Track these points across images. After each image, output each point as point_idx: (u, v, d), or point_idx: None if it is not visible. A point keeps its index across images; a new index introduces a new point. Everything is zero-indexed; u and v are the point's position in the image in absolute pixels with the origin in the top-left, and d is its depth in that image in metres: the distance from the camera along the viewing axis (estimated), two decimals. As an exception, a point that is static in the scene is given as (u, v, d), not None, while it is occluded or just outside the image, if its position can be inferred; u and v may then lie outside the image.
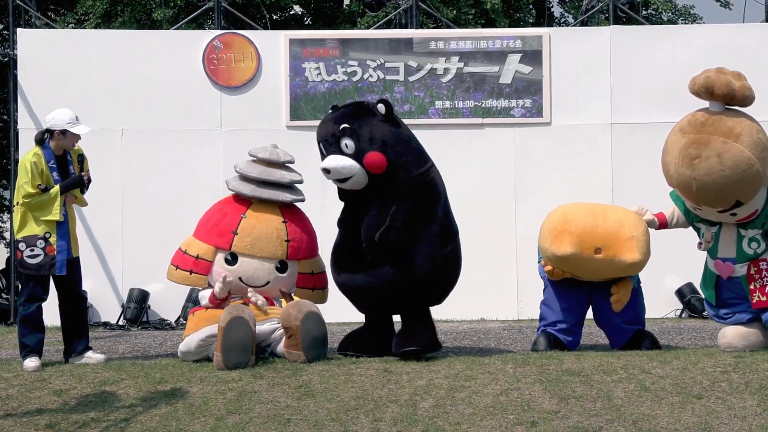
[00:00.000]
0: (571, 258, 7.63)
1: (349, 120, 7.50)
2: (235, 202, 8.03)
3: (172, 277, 8.00)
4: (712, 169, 7.22)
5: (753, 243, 7.63)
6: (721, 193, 7.32)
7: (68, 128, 7.85)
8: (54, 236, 7.75)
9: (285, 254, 7.86)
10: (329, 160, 7.47)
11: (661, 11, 22.25)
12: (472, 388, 6.51)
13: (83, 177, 7.98)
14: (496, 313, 11.41)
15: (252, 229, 7.80)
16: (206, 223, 8.00)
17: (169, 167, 11.98)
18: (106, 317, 11.89)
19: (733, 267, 7.70)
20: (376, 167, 7.40)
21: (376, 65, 12.12)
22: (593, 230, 7.69)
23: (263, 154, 8.07)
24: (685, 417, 5.97)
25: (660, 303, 11.44)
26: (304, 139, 12.04)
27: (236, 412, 6.20)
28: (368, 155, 7.39)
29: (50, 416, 6.21)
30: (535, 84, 12.11)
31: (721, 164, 7.19)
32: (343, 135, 7.46)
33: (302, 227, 8.05)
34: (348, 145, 7.44)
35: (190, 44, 12.22)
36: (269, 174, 7.99)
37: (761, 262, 7.61)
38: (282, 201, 7.98)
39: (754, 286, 7.62)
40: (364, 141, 7.43)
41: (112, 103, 11.97)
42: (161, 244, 8.40)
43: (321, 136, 7.65)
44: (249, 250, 7.78)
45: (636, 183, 11.53)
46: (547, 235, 7.77)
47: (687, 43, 12.22)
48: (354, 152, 7.42)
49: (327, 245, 8.00)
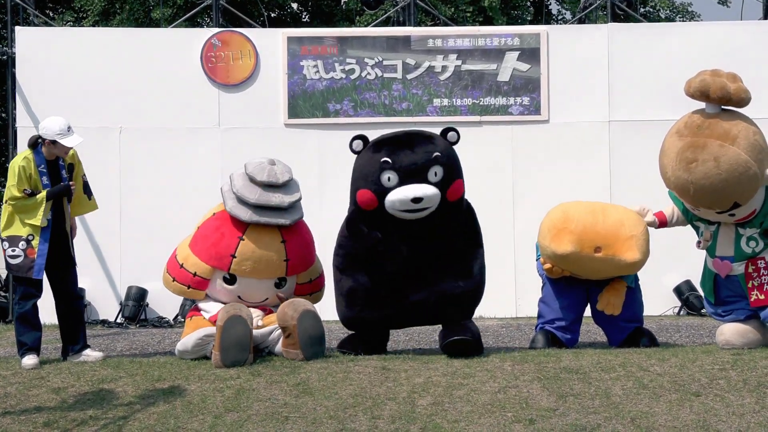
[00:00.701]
0: (570, 257, 7.64)
1: (437, 148, 7.41)
2: (232, 220, 7.75)
3: (169, 287, 7.96)
4: (709, 173, 7.22)
5: (751, 242, 7.64)
6: (719, 196, 7.33)
7: (58, 139, 7.79)
8: (37, 239, 7.75)
9: (284, 272, 7.80)
10: (421, 188, 7.25)
11: (659, 8, 22.27)
12: (470, 386, 6.51)
13: (70, 186, 7.94)
14: (494, 311, 11.40)
15: (251, 253, 7.64)
16: (204, 240, 7.82)
17: (167, 165, 11.97)
18: (104, 315, 11.89)
19: (731, 265, 7.70)
20: (458, 194, 7.45)
21: (374, 63, 12.12)
22: (593, 229, 7.69)
23: (261, 177, 7.67)
24: (683, 414, 5.97)
25: (658, 301, 11.44)
26: (302, 136, 12.10)
27: (234, 409, 6.20)
28: (456, 183, 7.39)
29: (48, 414, 6.21)
30: (532, 81, 12.11)
31: (718, 168, 7.19)
32: (435, 163, 7.33)
33: (301, 242, 7.89)
34: (437, 173, 7.32)
35: (188, 42, 12.21)
36: (267, 199, 7.64)
37: (759, 260, 7.61)
38: (279, 224, 7.71)
39: (752, 285, 7.62)
40: (451, 170, 7.39)
41: (110, 101, 11.96)
42: (159, 242, 8.40)
43: (402, 162, 7.32)
44: (248, 273, 7.68)
45: (634, 180, 11.54)
46: (546, 233, 7.77)
47: (685, 40, 12.22)
48: (439, 180, 7.33)
49: (326, 244, 7.98)
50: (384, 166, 7.32)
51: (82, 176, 8.15)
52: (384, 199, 7.30)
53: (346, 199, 7.82)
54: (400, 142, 7.48)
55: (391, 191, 7.28)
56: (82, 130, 11.83)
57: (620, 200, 11.80)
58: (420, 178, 7.29)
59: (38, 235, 7.76)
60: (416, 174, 7.29)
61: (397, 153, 7.35)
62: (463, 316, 7.56)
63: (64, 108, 11.89)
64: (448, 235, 7.46)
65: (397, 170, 7.30)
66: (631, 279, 8.04)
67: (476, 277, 7.53)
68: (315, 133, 12.09)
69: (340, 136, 11.94)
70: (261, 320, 7.71)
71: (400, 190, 7.26)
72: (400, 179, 7.29)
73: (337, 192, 11.64)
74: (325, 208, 11.64)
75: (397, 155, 7.34)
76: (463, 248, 7.55)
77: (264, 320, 7.70)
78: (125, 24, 18.79)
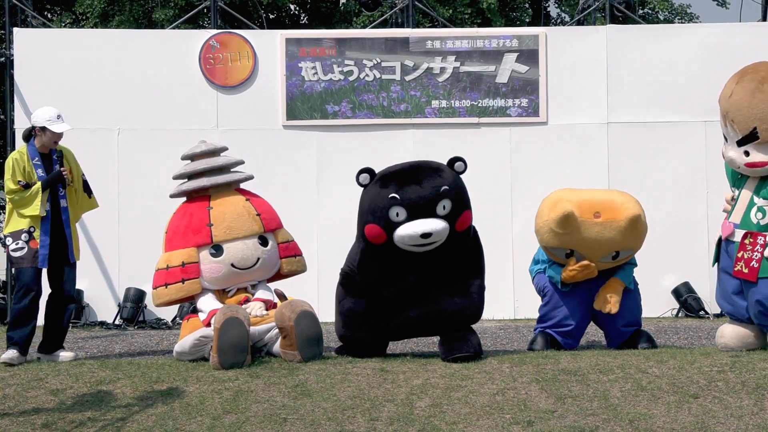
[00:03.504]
0: (571, 219, 7.66)
1: (445, 182, 7.34)
2: (192, 202, 8.11)
3: (165, 298, 7.91)
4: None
5: (759, 213, 7.59)
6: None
7: (47, 125, 7.94)
8: (38, 231, 7.91)
9: (261, 227, 8.00)
10: (430, 224, 7.21)
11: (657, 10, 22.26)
12: (468, 388, 6.51)
13: (63, 172, 8.02)
14: (492, 313, 11.40)
15: (224, 215, 7.91)
16: (176, 233, 8.00)
17: (165, 167, 11.94)
18: (102, 316, 11.89)
19: (733, 229, 7.66)
20: (466, 225, 7.42)
21: (373, 64, 12.12)
22: (590, 199, 7.89)
23: (203, 147, 8.28)
24: (681, 416, 5.97)
25: (656, 302, 11.45)
26: (300, 138, 12.10)
27: (233, 411, 6.20)
28: (464, 214, 7.35)
29: (47, 415, 6.21)
30: (531, 83, 12.11)
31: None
32: (443, 197, 7.29)
33: (263, 201, 8.26)
34: (446, 207, 7.27)
35: (186, 43, 12.20)
36: (217, 161, 8.18)
37: (759, 236, 7.55)
38: (238, 180, 8.21)
39: (741, 255, 7.57)
40: (460, 202, 7.35)
41: (108, 103, 11.96)
42: (158, 244, 8.38)
43: (410, 197, 7.26)
44: (229, 234, 7.87)
45: (632, 182, 11.53)
46: (544, 210, 7.90)
47: (683, 42, 12.23)
48: (448, 213, 7.29)
49: (325, 243, 7.99)
50: (392, 202, 7.27)
51: (81, 176, 8.24)
52: (393, 233, 7.27)
53: (343, 200, 7.85)
54: (408, 176, 7.42)
55: (399, 226, 7.26)
56: (80, 131, 11.91)
57: (619, 202, 11.84)
58: (429, 212, 7.25)
59: (39, 227, 7.89)
60: (425, 209, 7.25)
61: (405, 188, 7.30)
62: (457, 330, 7.55)
63: (63, 109, 11.76)
64: (453, 260, 7.47)
65: (405, 206, 7.24)
66: (629, 276, 8.05)
67: (473, 296, 7.50)
68: (313, 134, 12.09)
69: (338, 138, 12.00)
70: (264, 310, 7.72)
71: (409, 226, 7.22)
72: (409, 214, 7.24)
73: (335, 193, 11.71)
74: (322, 208, 11.64)
75: (404, 191, 7.28)
76: (464, 271, 7.54)
77: (265, 318, 7.71)
78: (124, 25, 18.77)
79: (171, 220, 8.16)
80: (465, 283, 7.50)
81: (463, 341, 7.40)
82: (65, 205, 8.09)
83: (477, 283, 7.55)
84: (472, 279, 7.54)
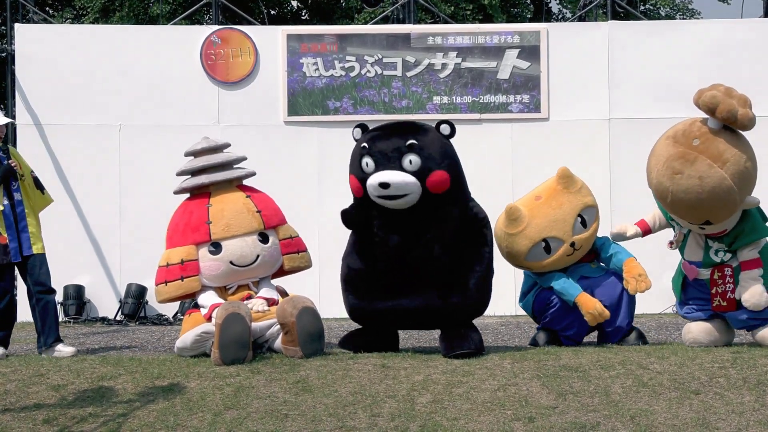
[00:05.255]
0: (522, 215, 7.85)
1: (416, 137, 7.30)
2: (193, 200, 8.10)
3: (164, 295, 7.92)
4: (690, 189, 7.23)
5: (719, 252, 7.68)
6: (694, 211, 7.39)
7: None
8: (3, 226, 7.91)
9: (261, 224, 7.96)
10: (389, 174, 7.17)
11: (659, 6, 22.27)
12: (469, 384, 6.51)
13: (11, 165, 8.06)
14: (494, 309, 11.35)
15: (223, 212, 7.89)
16: (176, 230, 8.02)
17: (166, 163, 11.94)
18: (103, 312, 11.90)
19: (698, 270, 7.76)
20: (440, 186, 7.27)
21: (374, 60, 12.11)
22: (526, 197, 8.21)
23: (204, 144, 8.25)
24: (682, 412, 5.97)
25: (657, 299, 11.43)
26: (302, 134, 12.10)
27: (234, 407, 6.20)
28: (435, 173, 7.22)
29: (48, 411, 6.21)
30: (532, 79, 12.11)
31: (701, 187, 7.19)
32: (409, 151, 7.24)
33: (265, 197, 8.20)
34: (413, 161, 7.21)
35: (187, 39, 12.21)
36: (217, 158, 8.16)
37: (726, 268, 7.66)
38: (238, 177, 8.14)
39: (715, 291, 7.70)
40: (430, 159, 7.25)
41: (109, 99, 11.96)
42: (159, 240, 8.38)
43: (378, 148, 7.30)
44: (228, 232, 7.84)
45: (634, 178, 11.51)
46: (498, 231, 7.99)
47: (685, 38, 12.21)
48: (417, 170, 7.22)
49: (324, 241, 7.99)
50: (362, 151, 7.37)
51: (31, 172, 8.30)
52: (366, 184, 7.33)
53: (344, 196, 7.82)
54: (386, 130, 7.50)
55: (369, 177, 7.30)
56: (81, 127, 11.98)
57: (620, 198, 11.85)
58: (394, 165, 7.23)
59: (1, 222, 7.93)
60: (391, 160, 7.24)
61: (376, 140, 7.36)
62: (458, 326, 7.53)
63: (64, 105, 11.94)
64: (443, 236, 7.37)
65: (372, 155, 7.29)
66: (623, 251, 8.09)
67: (471, 291, 7.42)
68: (314, 130, 12.09)
69: (339, 134, 11.97)
70: (266, 306, 7.72)
71: (374, 176, 7.25)
72: (376, 165, 7.27)
73: (336, 189, 11.68)
74: (324, 204, 11.63)
75: (375, 142, 7.35)
76: (461, 258, 7.44)
77: (267, 314, 7.71)
78: (125, 21, 18.77)
79: (172, 217, 8.16)
80: (464, 275, 7.41)
81: (463, 338, 7.39)
82: (20, 198, 8.11)
83: (477, 274, 7.43)
84: (471, 269, 7.44)
